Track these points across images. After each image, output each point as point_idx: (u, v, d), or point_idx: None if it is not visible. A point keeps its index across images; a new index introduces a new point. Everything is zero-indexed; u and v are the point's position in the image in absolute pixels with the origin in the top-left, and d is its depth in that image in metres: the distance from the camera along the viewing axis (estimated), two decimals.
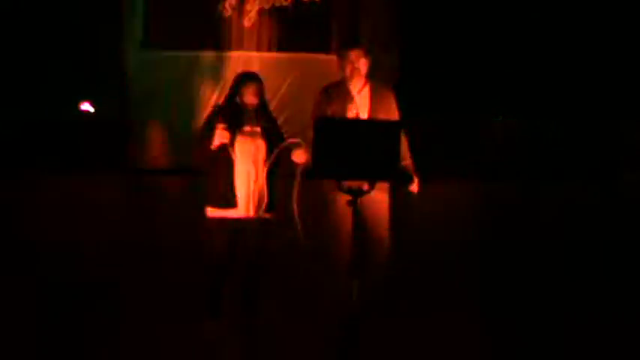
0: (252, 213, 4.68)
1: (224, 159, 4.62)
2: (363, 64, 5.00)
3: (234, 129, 4.62)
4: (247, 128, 4.65)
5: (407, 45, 8.24)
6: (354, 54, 5.01)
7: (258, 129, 4.72)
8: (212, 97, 8.16)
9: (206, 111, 8.07)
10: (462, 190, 7.83)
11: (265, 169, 4.68)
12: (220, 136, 4.54)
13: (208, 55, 8.18)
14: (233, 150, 4.62)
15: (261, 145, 4.70)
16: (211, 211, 4.71)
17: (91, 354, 4.59)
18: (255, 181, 4.69)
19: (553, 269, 7.11)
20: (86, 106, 9.73)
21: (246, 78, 4.80)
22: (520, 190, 7.80)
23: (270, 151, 4.67)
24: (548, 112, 9.01)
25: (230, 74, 8.13)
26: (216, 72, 8.22)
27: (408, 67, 8.06)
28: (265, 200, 4.67)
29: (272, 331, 4.91)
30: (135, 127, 8.20)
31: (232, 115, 4.62)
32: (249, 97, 4.69)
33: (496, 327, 5.23)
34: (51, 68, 9.10)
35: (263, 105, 4.82)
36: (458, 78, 9.07)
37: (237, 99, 4.73)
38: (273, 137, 4.75)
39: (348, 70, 5.01)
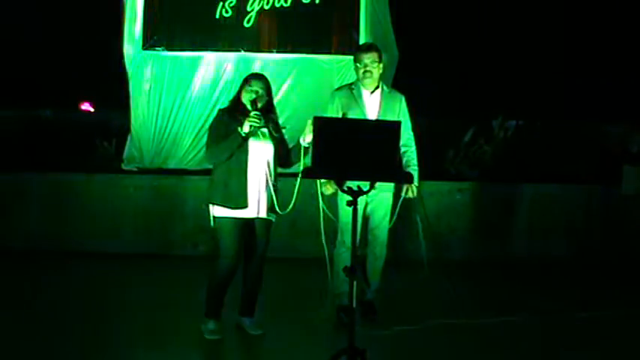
0: (261, 213, 4.69)
1: (237, 160, 4.63)
2: (375, 68, 5.06)
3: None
4: (259, 130, 4.67)
5: (406, 45, 8.22)
6: (366, 57, 5.07)
7: (266, 131, 4.74)
8: (212, 98, 8.14)
9: (205, 111, 8.06)
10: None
11: (274, 171, 4.71)
12: (252, 121, 4.53)
13: (208, 56, 8.15)
14: (247, 150, 4.64)
15: (269, 146, 4.73)
16: (221, 211, 4.69)
17: (90, 353, 4.59)
18: (265, 182, 4.70)
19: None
20: (86, 106, 9.72)
21: (250, 77, 4.83)
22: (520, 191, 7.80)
23: (276, 153, 4.70)
24: (547, 112, 9.01)
25: (230, 74, 8.13)
26: (216, 72, 8.19)
27: (407, 67, 8.05)
28: (273, 201, 4.69)
29: (269, 332, 4.92)
30: (134, 127, 8.17)
31: (241, 117, 4.63)
32: (251, 94, 4.70)
33: None
34: (51, 68, 9.10)
35: (270, 106, 4.82)
36: (457, 79, 9.08)
37: (242, 99, 4.74)
38: (282, 144, 4.79)
39: (360, 73, 5.09)
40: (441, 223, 7.51)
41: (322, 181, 5.01)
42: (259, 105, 4.68)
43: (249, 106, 4.68)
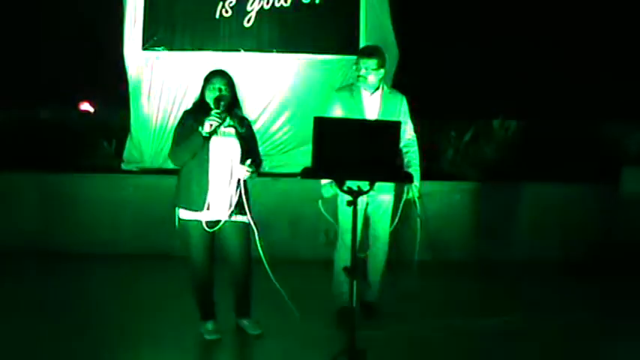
0: (225, 215, 4.63)
1: (198, 160, 4.57)
2: (371, 74, 5.06)
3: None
4: (220, 129, 4.60)
5: (406, 46, 8.22)
6: (364, 63, 5.08)
7: (232, 130, 4.66)
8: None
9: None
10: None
11: (239, 171, 4.63)
12: (212, 119, 4.48)
13: (208, 56, 8.15)
14: (207, 150, 4.59)
15: (234, 146, 4.64)
16: (186, 214, 4.66)
17: (90, 354, 4.59)
18: (229, 183, 4.63)
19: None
20: (86, 106, 9.72)
21: (211, 75, 4.74)
22: (519, 191, 7.79)
23: (243, 152, 4.62)
24: (547, 112, 9.01)
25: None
26: None
27: (406, 67, 8.04)
28: (238, 202, 4.62)
29: (270, 333, 4.92)
30: (134, 127, 8.16)
31: (204, 115, 4.56)
32: (214, 92, 4.64)
33: None
34: (51, 68, 9.10)
35: (235, 104, 4.74)
36: (457, 79, 9.08)
37: (206, 98, 4.68)
38: (248, 140, 4.69)
39: (355, 75, 5.11)
40: (441, 223, 7.50)
41: (325, 182, 5.02)
42: (223, 103, 4.60)
43: (212, 105, 4.62)
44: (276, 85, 8.11)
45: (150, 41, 8.10)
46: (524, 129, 8.51)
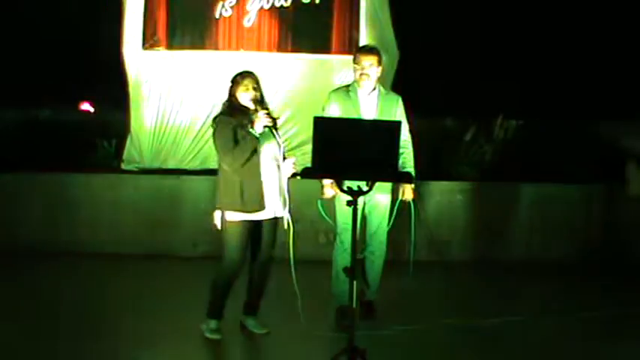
0: (278, 213, 4.67)
1: (249, 163, 4.58)
2: (373, 71, 5.07)
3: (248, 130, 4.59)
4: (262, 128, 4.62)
5: (406, 46, 8.22)
6: (365, 60, 5.08)
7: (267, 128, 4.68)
8: (212, 98, 8.12)
9: (205, 111, 8.04)
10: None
11: (286, 168, 4.67)
12: (266, 120, 4.50)
13: (208, 55, 8.15)
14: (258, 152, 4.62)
15: (274, 144, 4.68)
16: (236, 216, 4.61)
17: (90, 354, 4.59)
18: (277, 181, 4.67)
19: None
20: (86, 106, 9.71)
21: (242, 76, 4.74)
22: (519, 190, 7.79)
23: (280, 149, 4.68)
24: (547, 112, 9.00)
25: (230, 74, 8.09)
26: (216, 72, 8.18)
27: (406, 67, 8.04)
28: (285, 199, 4.68)
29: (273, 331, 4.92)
30: (134, 127, 8.16)
31: (242, 117, 4.59)
32: (250, 92, 4.65)
33: None
34: (51, 68, 9.09)
35: (263, 101, 4.77)
36: (457, 79, 9.08)
37: (241, 100, 4.68)
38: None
39: (357, 74, 5.11)
40: (441, 223, 7.51)
41: (324, 182, 5.02)
42: (265, 103, 4.66)
43: (252, 106, 4.64)
44: (276, 85, 8.11)
45: (150, 41, 8.10)
46: (524, 129, 8.51)
